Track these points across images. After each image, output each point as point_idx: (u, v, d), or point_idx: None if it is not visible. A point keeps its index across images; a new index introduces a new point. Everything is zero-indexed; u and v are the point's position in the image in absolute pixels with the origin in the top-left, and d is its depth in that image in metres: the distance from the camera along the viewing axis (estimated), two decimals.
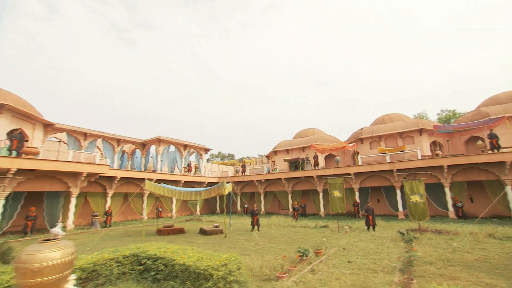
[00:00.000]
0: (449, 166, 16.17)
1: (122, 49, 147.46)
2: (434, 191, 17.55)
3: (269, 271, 6.56)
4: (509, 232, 10.47)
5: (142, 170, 24.83)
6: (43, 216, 15.16)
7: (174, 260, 5.59)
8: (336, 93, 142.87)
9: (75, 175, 15.63)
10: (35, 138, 18.05)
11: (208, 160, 32.30)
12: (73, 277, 3.78)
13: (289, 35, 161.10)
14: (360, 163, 20.13)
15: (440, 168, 16.52)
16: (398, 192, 17.98)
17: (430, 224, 13.64)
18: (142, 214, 20.55)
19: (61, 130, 20.98)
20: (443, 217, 16.40)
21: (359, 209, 18.96)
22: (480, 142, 17.71)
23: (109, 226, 17.22)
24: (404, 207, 17.49)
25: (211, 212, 26.90)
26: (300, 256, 7.19)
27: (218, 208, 26.70)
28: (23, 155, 13.68)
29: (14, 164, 12.66)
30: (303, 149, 26.75)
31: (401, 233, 10.08)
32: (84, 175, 15.55)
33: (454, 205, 16.08)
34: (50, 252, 2.83)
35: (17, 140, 13.56)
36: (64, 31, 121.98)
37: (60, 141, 23.13)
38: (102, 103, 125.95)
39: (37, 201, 15.32)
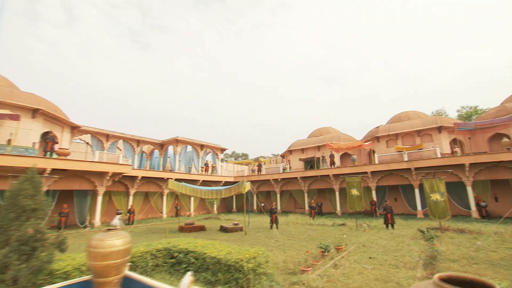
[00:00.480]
0: (471, 165, 15.82)
1: (137, 52, 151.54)
2: (455, 190, 17.20)
3: (293, 265, 6.87)
4: None
5: (161, 169, 25.72)
6: (74, 213, 16.16)
7: (205, 253, 5.99)
8: (350, 91, 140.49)
9: (101, 174, 16.52)
10: (63, 140, 19.19)
11: (222, 160, 32.90)
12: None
13: (301, 33, 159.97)
14: (376, 162, 20.01)
15: (461, 166, 16.19)
16: (417, 191, 17.76)
17: (452, 223, 13.46)
18: (162, 213, 21.35)
19: (85, 132, 22.13)
20: (465, 216, 16.06)
21: (376, 208, 18.87)
22: (506, 140, 17.19)
23: (132, 223, 18.05)
24: (423, 206, 17.27)
25: (227, 210, 27.46)
26: (322, 251, 7.45)
27: (234, 207, 27.25)
28: (55, 156, 14.68)
29: (49, 164, 13.61)
30: (318, 148, 26.78)
31: (422, 231, 10.08)
32: (109, 175, 16.41)
33: (477, 204, 15.70)
34: (114, 240, 3.28)
35: (51, 142, 14.55)
36: (82, 36, 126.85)
37: (87, 143, 24.34)
38: (118, 104, 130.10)
39: (68, 199, 16.34)
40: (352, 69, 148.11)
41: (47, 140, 14.60)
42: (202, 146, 26.00)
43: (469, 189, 16.00)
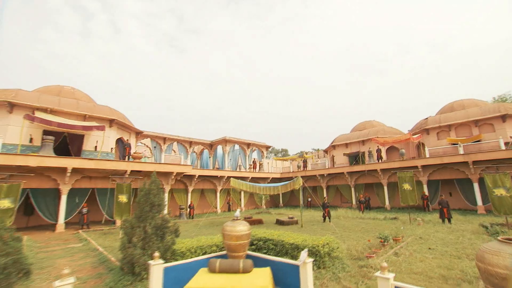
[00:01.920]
0: None
1: (174, 56, 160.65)
2: None
3: (356, 252, 7.82)
4: None
5: (210, 168, 28.08)
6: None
7: (283, 240, 7.25)
8: (393, 80, 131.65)
9: (167, 174, 19.01)
10: (131, 144, 22.29)
11: (266, 157, 34.39)
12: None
13: (335, 23, 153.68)
14: (427, 155, 19.50)
15: None
16: (476, 185, 17.03)
17: None
18: (216, 208, 23.54)
19: (146, 136, 25.24)
20: None
21: (429, 203, 18.53)
22: None
23: (192, 217, 20.39)
24: (484, 201, 16.53)
25: (274, 206, 28.90)
26: (382, 241, 8.26)
27: (281, 202, 28.60)
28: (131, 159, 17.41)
29: (129, 166, 16.29)
30: (363, 142, 26.64)
31: (485, 226, 10.13)
32: (174, 175, 18.81)
33: None
34: (241, 226, 4.66)
35: (128, 147, 17.30)
36: (126, 47, 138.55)
37: (146, 146, 27.64)
38: (160, 107, 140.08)
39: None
40: (393, 55, 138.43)
41: (125, 146, 17.38)
42: (248, 145, 27.72)
43: None
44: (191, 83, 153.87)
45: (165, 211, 7.51)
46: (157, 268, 4.23)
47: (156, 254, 4.42)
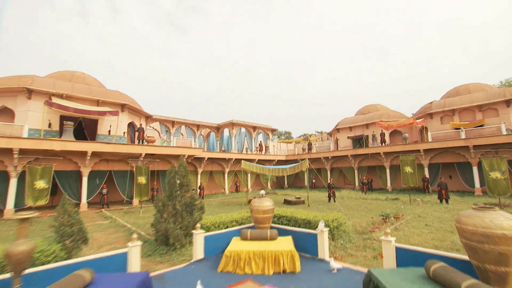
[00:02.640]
0: None
1: (174, 36, 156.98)
2: None
3: (360, 228, 8.81)
4: None
5: (217, 150, 29.01)
6: (160, 189, 20.07)
7: (296, 216, 8.20)
8: (398, 63, 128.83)
9: (178, 157, 19.91)
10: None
11: (267, 139, 35.23)
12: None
13: (340, 2, 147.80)
14: (430, 140, 20.17)
15: None
16: (475, 169, 17.83)
17: None
18: (224, 189, 24.73)
19: (155, 120, 25.97)
20: None
21: (429, 185, 19.49)
22: None
23: (203, 198, 21.57)
24: (482, 184, 17.35)
25: (280, 187, 30.14)
26: (384, 218, 9.24)
27: (286, 183, 29.82)
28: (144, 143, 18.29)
29: (144, 150, 17.19)
30: (367, 126, 27.23)
31: (477, 205, 11.04)
32: (185, 157, 19.74)
33: None
34: (267, 202, 5.54)
35: (142, 131, 18.11)
36: (126, 27, 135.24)
37: (155, 129, 28.42)
38: (161, 88, 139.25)
39: (156, 178, 20.23)
40: (400, 36, 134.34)
41: (139, 130, 18.19)
42: (254, 128, 28.46)
43: None
44: (193, 66, 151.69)
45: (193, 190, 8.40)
46: (199, 236, 5.17)
47: (198, 225, 5.36)
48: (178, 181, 7.69)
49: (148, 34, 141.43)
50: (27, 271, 3.20)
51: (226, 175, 24.64)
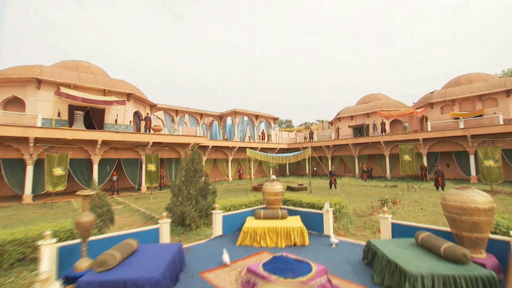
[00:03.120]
0: None
1: (172, 23, 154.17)
2: None
3: (360, 211, 9.59)
4: None
5: (219, 139, 29.66)
6: (167, 175, 20.85)
7: (301, 200, 8.94)
8: (401, 49, 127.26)
9: (184, 145, 20.62)
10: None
11: (269, 128, 35.87)
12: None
13: None
14: (429, 129, 20.77)
15: None
16: (472, 157, 18.50)
17: (506, 187, 14.67)
18: (228, 176, 25.56)
19: (160, 109, 26.46)
20: None
21: (427, 173, 20.27)
22: None
23: None
24: (477, 172, 18.05)
25: (281, 174, 31.02)
26: (382, 203, 10.01)
27: (288, 171, 30.68)
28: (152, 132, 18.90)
29: (151, 138, 17.83)
30: (368, 115, 27.77)
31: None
32: (191, 145, 20.38)
33: None
34: (278, 186, 6.23)
35: (149, 121, 18.68)
36: (122, 13, 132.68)
37: (158, 118, 28.95)
38: (162, 78, 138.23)
39: (162, 165, 20.96)
40: (403, 22, 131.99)
41: (146, 119, 18.76)
42: (257, 116, 29.01)
43: None
44: (192, 53, 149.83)
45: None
46: (218, 215, 5.91)
47: (217, 205, 6.07)
48: (192, 168, 8.36)
49: (145, 22, 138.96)
50: (90, 238, 3.91)
51: (229, 163, 25.41)
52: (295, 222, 5.62)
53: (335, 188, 16.01)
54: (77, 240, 3.98)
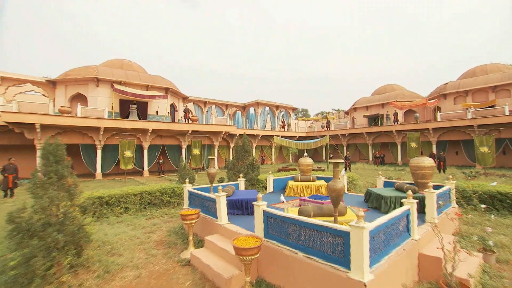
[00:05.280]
0: None
1: (187, 11, 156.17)
2: None
3: (368, 184, 12.77)
4: None
5: (242, 127, 33.02)
6: (202, 158, 24.54)
7: (321, 175, 12.21)
8: (422, 37, 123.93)
9: (216, 134, 24.16)
10: (179, 108, 27.24)
11: (283, 116, 38.85)
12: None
13: None
14: (439, 119, 23.11)
15: None
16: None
17: (499, 171, 17.28)
18: None
19: (190, 100, 30.02)
20: None
21: (434, 160, 22.85)
22: None
23: None
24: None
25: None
26: (387, 178, 13.10)
27: None
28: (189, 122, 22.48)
29: (191, 127, 21.44)
30: (382, 105, 30.23)
31: (464, 172, 14.62)
32: (222, 133, 23.92)
33: None
34: (309, 160, 9.50)
35: (187, 112, 22.24)
36: (136, 3, 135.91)
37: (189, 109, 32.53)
38: (177, 67, 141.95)
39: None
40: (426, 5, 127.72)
41: (185, 111, 22.34)
42: (277, 107, 32.13)
43: None
44: (206, 42, 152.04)
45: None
46: (270, 178, 9.30)
47: (270, 172, 9.43)
48: (243, 150, 11.74)
49: (161, 11, 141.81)
50: (214, 184, 7.35)
51: (254, 150, 28.85)
52: (321, 182, 8.89)
53: (350, 171, 19.12)
54: (206, 185, 7.50)
